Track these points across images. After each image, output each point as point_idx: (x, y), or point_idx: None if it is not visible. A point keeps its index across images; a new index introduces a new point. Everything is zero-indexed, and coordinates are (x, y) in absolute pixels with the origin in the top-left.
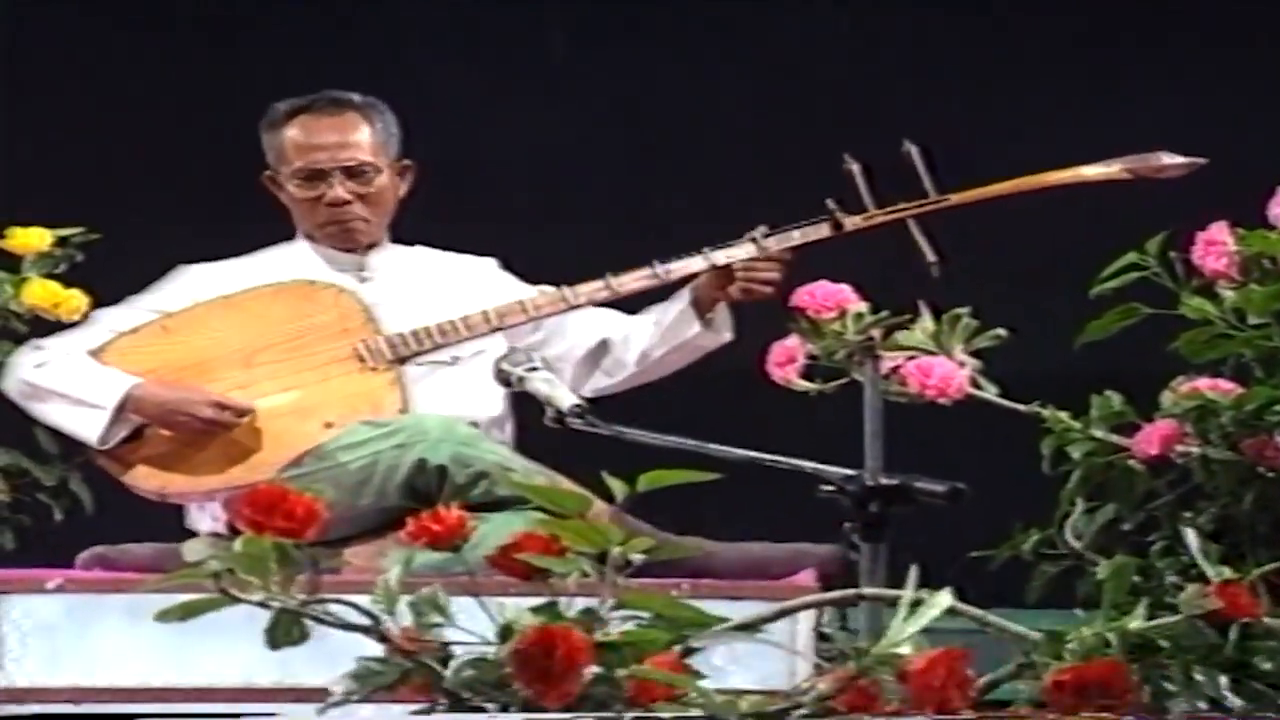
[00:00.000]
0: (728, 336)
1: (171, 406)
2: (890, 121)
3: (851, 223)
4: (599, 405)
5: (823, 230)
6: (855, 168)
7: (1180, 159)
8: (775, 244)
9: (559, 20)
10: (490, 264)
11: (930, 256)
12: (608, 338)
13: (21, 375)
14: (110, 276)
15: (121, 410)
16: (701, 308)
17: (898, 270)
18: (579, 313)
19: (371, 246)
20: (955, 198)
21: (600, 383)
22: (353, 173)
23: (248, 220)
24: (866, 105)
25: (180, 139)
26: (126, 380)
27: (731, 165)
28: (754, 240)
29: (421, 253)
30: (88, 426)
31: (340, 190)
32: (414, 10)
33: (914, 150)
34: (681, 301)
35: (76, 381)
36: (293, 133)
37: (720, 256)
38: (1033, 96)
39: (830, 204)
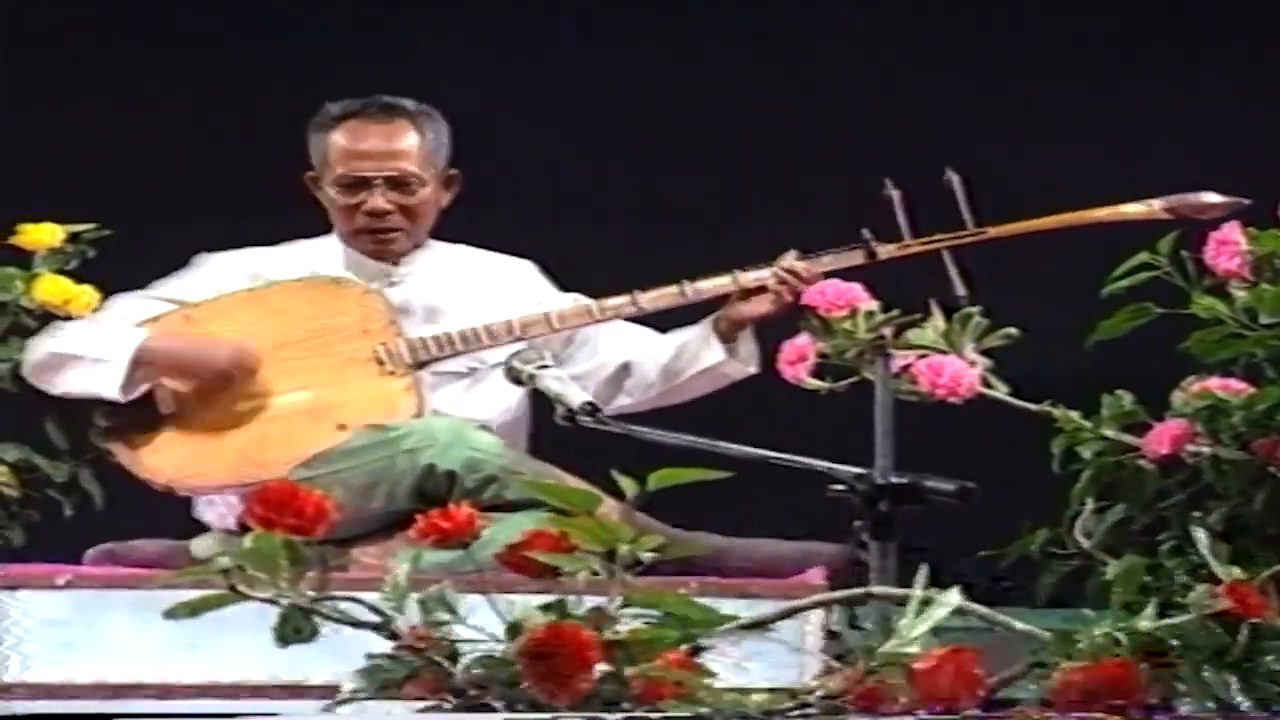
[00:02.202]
0: (753, 369)
1: (189, 354)
2: (904, 118)
3: (885, 251)
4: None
5: (856, 258)
6: (895, 194)
7: (1222, 199)
8: (806, 268)
9: (571, 19)
10: (528, 267)
11: (960, 290)
12: (632, 359)
13: (41, 349)
14: (121, 273)
15: (137, 363)
16: (725, 334)
17: (910, 269)
18: (610, 329)
19: (404, 254)
20: (993, 231)
21: (622, 402)
22: (396, 183)
23: (259, 217)
24: (880, 105)
25: (191, 136)
26: (139, 332)
27: (746, 165)
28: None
29: (457, 252)
30: (107, 383)
31: (381, 200)
32: (425, 9)
33: (955, 179)
34: (706, 327)
35: (90, 341)
36: (339, 137)
37: (749, 278)
38: (1050, 95)
39: (865, 233)
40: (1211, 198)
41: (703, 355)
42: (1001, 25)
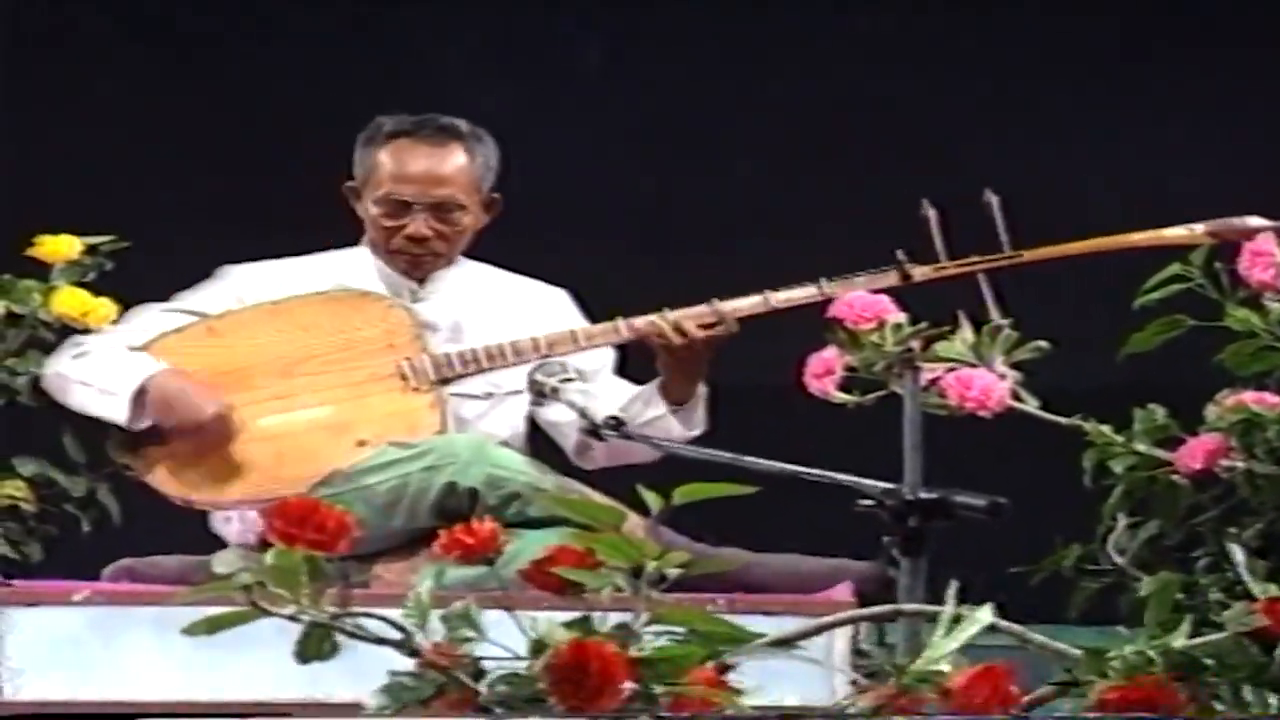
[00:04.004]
0: (696, 431)
1: (174, 402)
2: (926, 128)
3: (920, 273)
4: None
5: (890, 279)
6: (931, 214)
7: (1266, 222)
8: (840, 289)
9: (594, 31)
10: (561, 296)
11: (996, 316)
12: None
13: (58, 368)
14: (139, 284)
15: (140, 396)
16: (666, 390)
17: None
18: (602, 381)
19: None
20: (1029, 255)
21: (595, 454)
22: (439, 209)
23: (281, 228)
24: (906, 116)
25: (210, 145)
26: (150, 367)
27: (770, 176)
28: (817, 285)
29: (489, 274)
30: (115, 413)
31: (423, 227)
32: (446, 20)
33: (994, 200)
34: (654, 383)
35: (104, 369)
36: (386, 156)
37: (780, 298)
38: (1070, 103)
39: (899, 255)
40: (1255, 222)
41: (646, 407)
42: (1024, 34)
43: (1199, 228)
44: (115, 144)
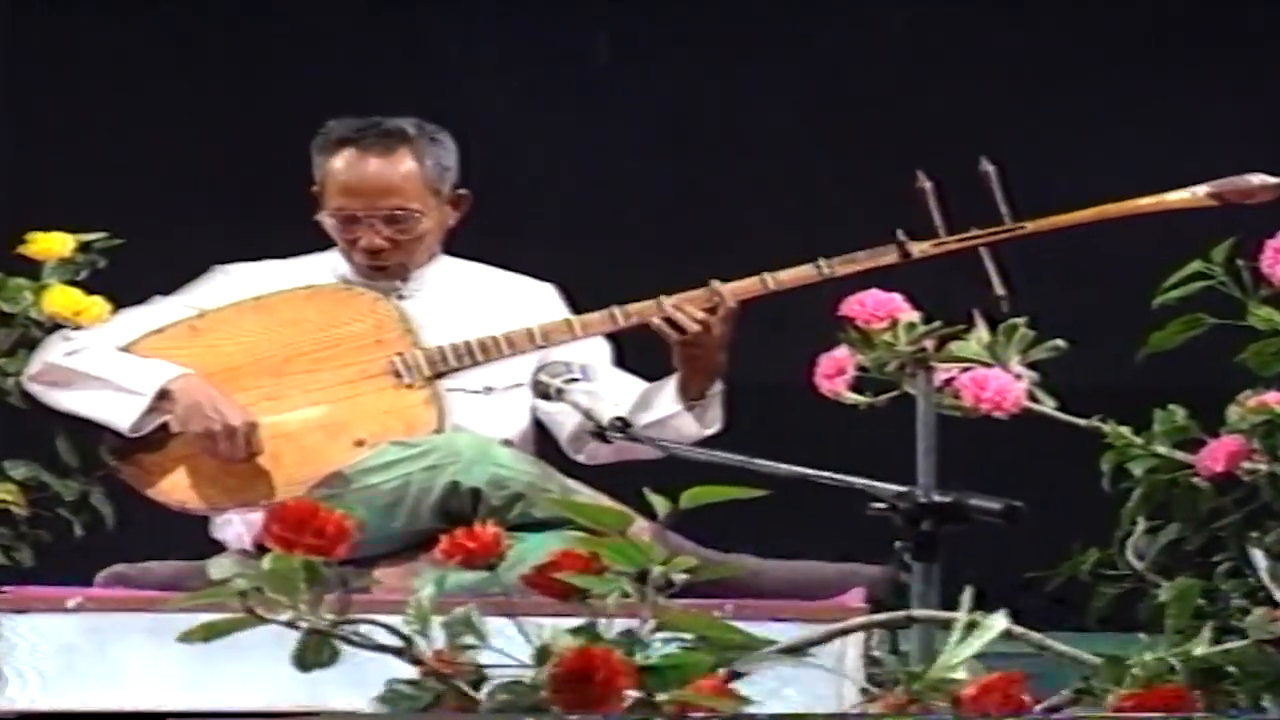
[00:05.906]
0: (711, 429)
1: (200, 409)
2: (945, 128)
3: (920, 250)
4: None
5: (889, 256)
6: (928, 186)
7: (1271, 180)
8: (840, 268)
9: (604, 27)
10: (548, 290)
11: (999, 290)
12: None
13: (51, 359)
14: (132, 284)
15: (161, 399)
16: (684, 386)
17: (952, 278)
18: (603, 377)
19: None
20: (1031, 225)
21: (598, 453)
22: (391, 219)
23: (274, 227)
24: (919, 113)
25: (209, 144)
26: (171, 370)
27: (782, 174)
28: (817, 266)
29: (471, 270)
30: (120, 413)
31: (376, 239)
32: (452, 17)
33: (991, 171)
34: (673, 378)
35: (115, 367)
36: (336, 165)
37: (779, 279)
38: (1092, 97)
39: (899, 233)
40: (1258, 179)
41: (657, 403)
42: (1041, 25)
43: (1202, 190)
44: (114, 143)
